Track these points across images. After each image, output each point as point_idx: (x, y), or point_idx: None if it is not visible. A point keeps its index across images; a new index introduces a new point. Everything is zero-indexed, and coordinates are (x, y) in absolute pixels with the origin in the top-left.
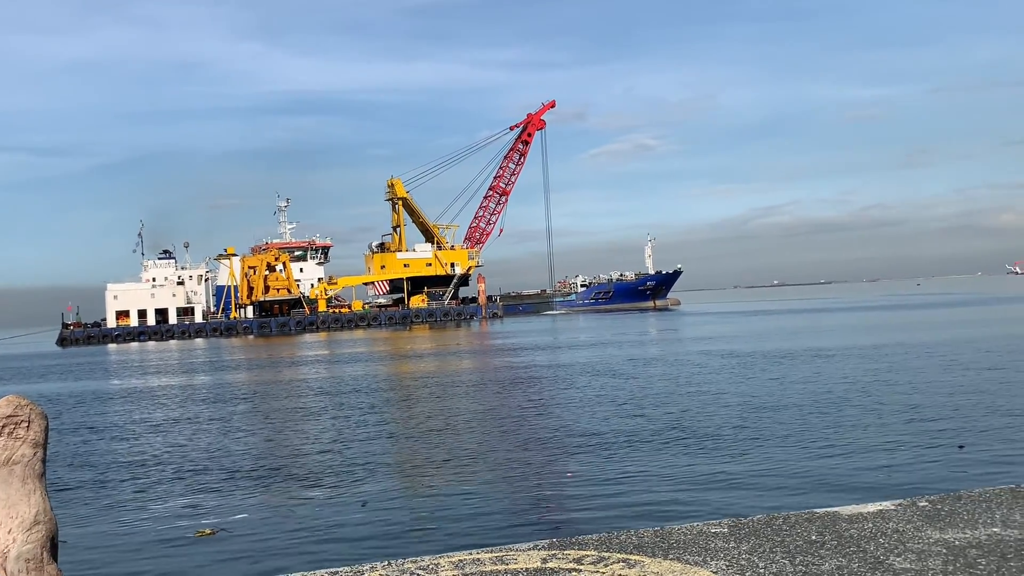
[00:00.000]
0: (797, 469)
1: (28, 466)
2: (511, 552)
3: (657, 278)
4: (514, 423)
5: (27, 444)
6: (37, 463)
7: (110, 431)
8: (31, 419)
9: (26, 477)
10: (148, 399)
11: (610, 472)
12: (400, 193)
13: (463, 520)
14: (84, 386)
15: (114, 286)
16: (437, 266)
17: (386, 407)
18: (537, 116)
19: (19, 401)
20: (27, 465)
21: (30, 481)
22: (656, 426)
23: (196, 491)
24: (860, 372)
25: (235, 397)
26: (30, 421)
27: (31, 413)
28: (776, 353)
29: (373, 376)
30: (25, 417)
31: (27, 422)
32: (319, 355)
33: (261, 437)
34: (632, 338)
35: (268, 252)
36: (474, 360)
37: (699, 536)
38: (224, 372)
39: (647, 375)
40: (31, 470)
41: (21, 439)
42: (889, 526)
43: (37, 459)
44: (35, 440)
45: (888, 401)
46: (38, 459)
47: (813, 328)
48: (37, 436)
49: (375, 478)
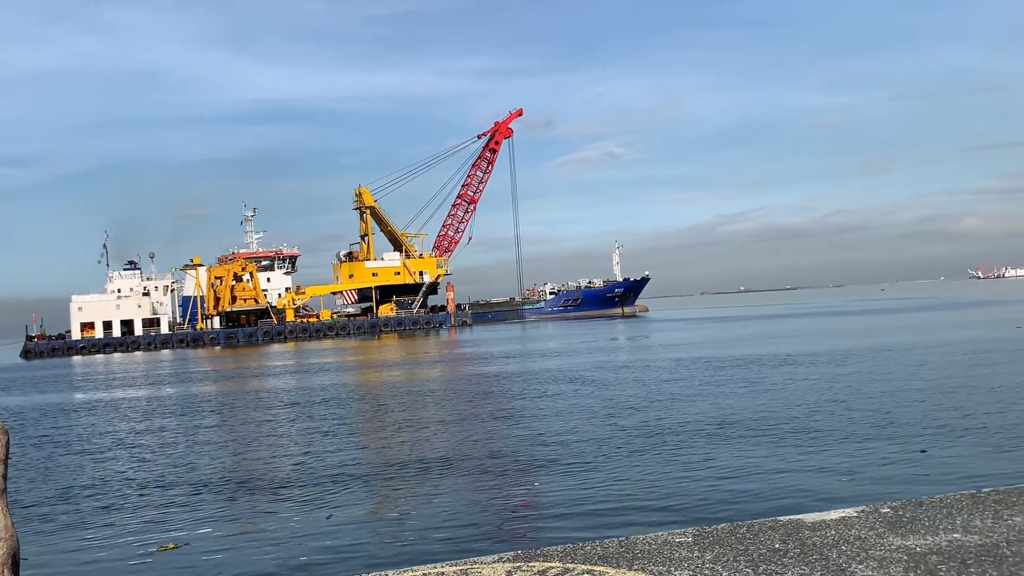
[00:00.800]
0: (763, 476)
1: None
2: (476, 565)
3: (625, 285)
4: (482, 433)
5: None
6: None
7: (73, 445)
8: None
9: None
10: (113, 412)
11: (576, 482)
12: (368, 202)
13: (427, 533)
14: (48, 399)
15: (79, 297)
16: (406, 275)
17: (354, 418)
18: (504, 124)
19: None
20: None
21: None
22: (624, 434)
23: (160, 505)
24: (825, 377)
25: (201, 409)
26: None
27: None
28: (743, 359)
29: (341, 386)
30: None
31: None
32: (287, 365)
33: (227, 450)
34: (601, 345)
35: (235, 262)
36: (443, 369)
37: (664, 546)
38: (190, 384)
39: (615, 382)
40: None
41: None
42: (852, 533)
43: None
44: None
45: (853, 406)
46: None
47: (779, 334)
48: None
49: (341, 491)
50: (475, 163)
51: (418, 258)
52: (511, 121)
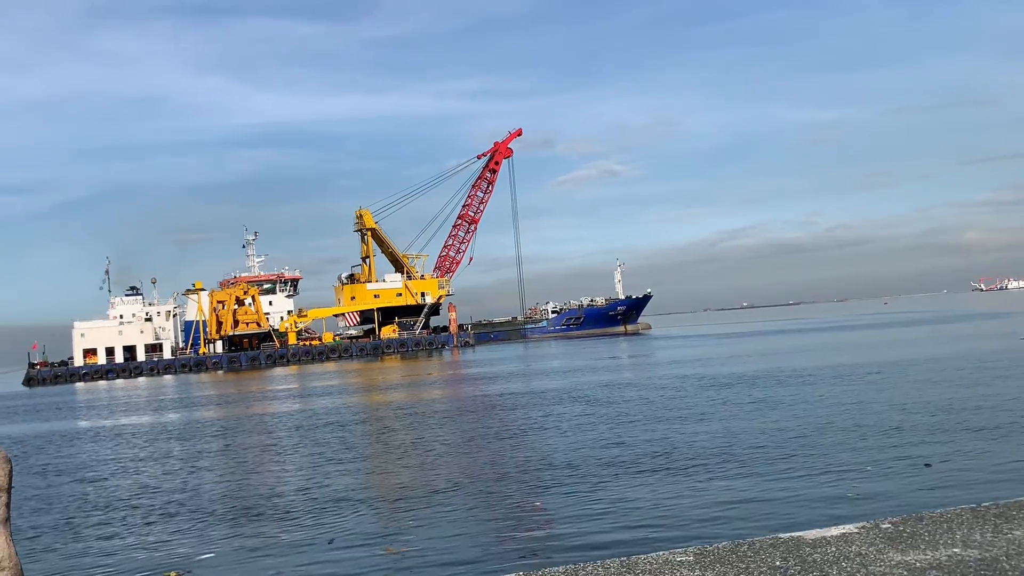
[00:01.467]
0: (764, 493)
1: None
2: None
3: (627, 303)
4: (485, 455)
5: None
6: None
7: (76, 472)
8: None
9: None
10: (116, 439)
11: (578, 501)
12: (369, 224)
13: (430, 554)
14: (51, 427)
15: (81, 324)
16: (408, 296)
17: (357, 441)
18: (504, 144)
19: None
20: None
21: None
22: (626, 453)
23: (163, 532)
24: (828, 392)
25: (204, 434)
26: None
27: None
28: (747, 376)
29: (345, 409)
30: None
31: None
32: (290, 389)
33: (230, 475)
34: (604, 364)
35: (237, 286)
36: (446, 390)
37: (665, 566)
38: (193, 409)
39: (618, 401)
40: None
41: None
42: (852, 549)
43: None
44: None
45: (858, 421)
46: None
47: (783, 350)
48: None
49: (345, 514)
50: (475, 183)
51: (420, 279)
52: (510, 141)
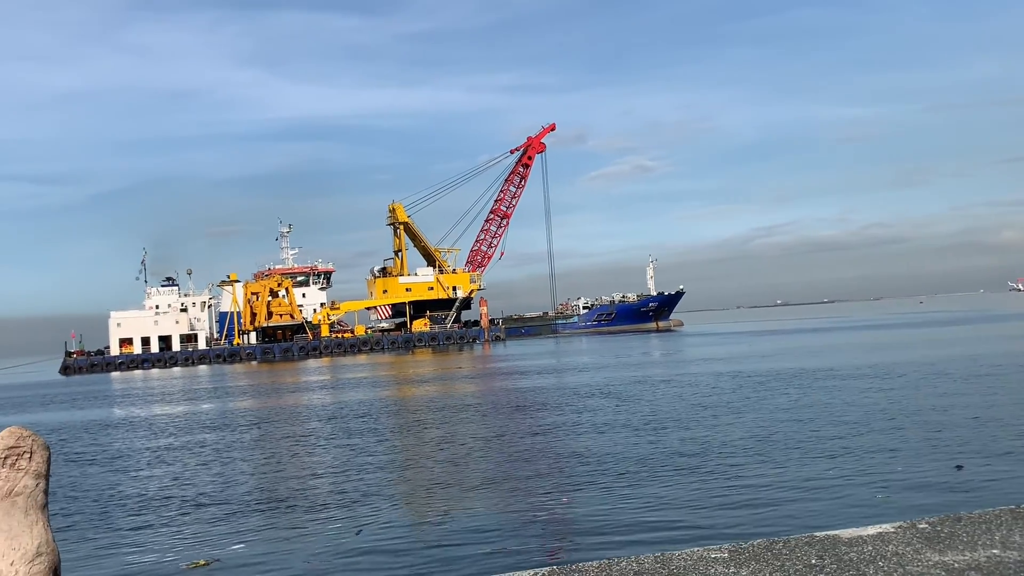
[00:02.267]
0: (799, 491)
1: (30, 497)
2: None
3: (659, 299)
4: (517, 449)
5: (29, 475)
6: (39, 494)
7: (110, 461)
8: (33, 450)
9: (28, 508)
10: (150, 428)
11: (611, 497)
12: (401, 218)
13: (462, 548)
14: (86, 415)
15: (117, 314)
16: (439, 290)
17: (388, 433)
18: (537, 139)
19: (21, 432)
20: (29, 496)
21: (32, 512)
22: (659, 449)
23: (195, 522)
24: (862, 392)
25: (238, 425)
26: (32, 452)
27: (33, 444)
28: (779, 374)
29: (376, 401)
30: (27, 448)
31: (29, 453)
32: (322, 380)
33: (262, 466)
34: (636, 360)
35: (271, 278)
36: (477, 384)
37: (699, 562)
38: (227, 399)
39: (651, 398)
40: (33, 501)
41: (23, 470)
42: (889, 549)
43: (39, 490)
44: (37, 471)
45: (891, 421)
46: (40, 490)
47: (817, 348)
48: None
49: (375, 506)
50: (508, 178)
51: (451, 273)
52: (544, 136)
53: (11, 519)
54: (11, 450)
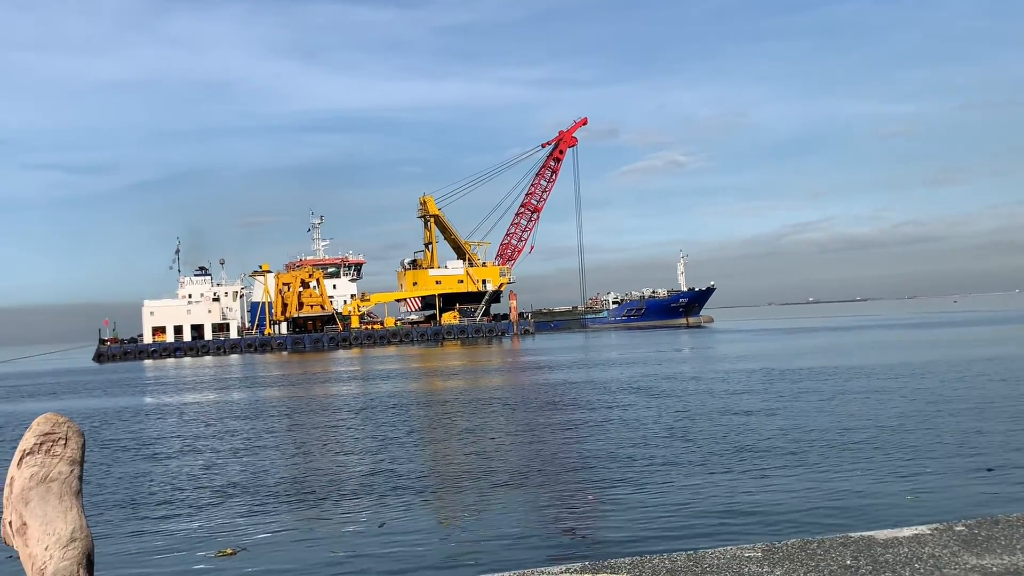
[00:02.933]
0: (832, 492)
1: (65, 483)
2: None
3: (690, 295)
4: (547, 443)
5: (64, 461)
6: (74, 480)
7: (141, 448)
8: (68, 436)
9: (63, 494)
10: (181, 416)
11: (643, 495)
12: (432, 210)
13: (492, 543)
14: (119, 403)
15: (150, 302)
16: (469, 283)
17: (417, 426)
18: (569, 133)
19: (56, 419)
20: (64, 482)
21: (67, 498)
22: (690, 447)
23: (223, 509)
24: (895, 392)
25: (267, 414)
26: (67, 438)
27: (68, 431)
28: (811, 372)
29: (405, 394)
30: (62, 435)
31: (64, 439)
32: (352, 371)
33: (291, 455)
34: (666, 356)
35: (302, 269)
36: (507, 377)
37: (733, 560)
38: (258, 389)
39: (682, 394)
40: (68, 487)
41: (58, 456)
42: (925, 551)
43: (74, 476)
44: (72, 457)
45: (923, 421)
46: (75, 476)
47: (850, 346)
48: (74, 454)
49: (402, 499)
50: (539, 172)
51: (481, 266)
52: (575, 130)
53: (46, 505)
54: (46, 436)
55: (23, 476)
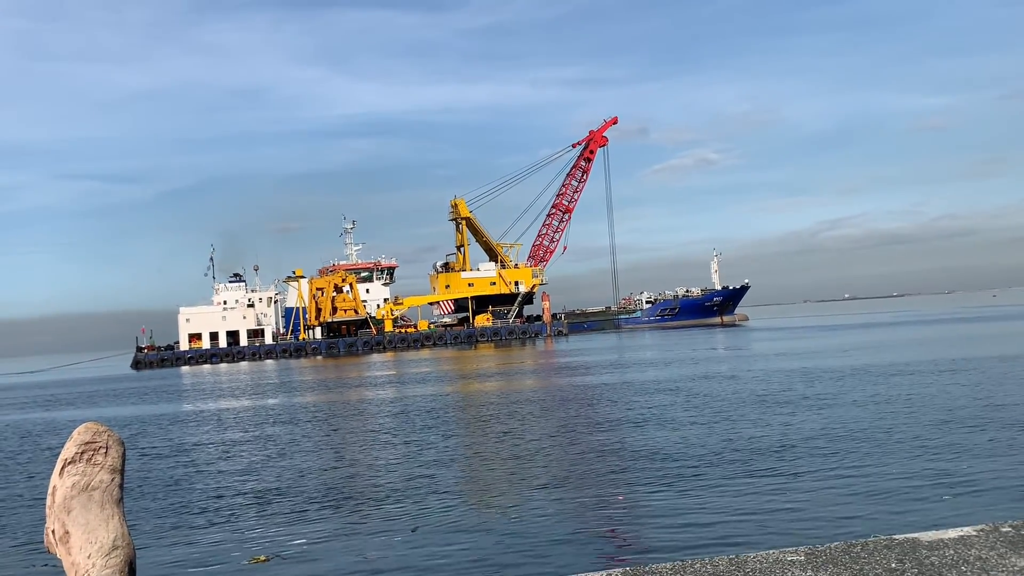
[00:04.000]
0: (875, 494)
1: (106, 492)
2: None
3: (724, 293)
4: (581, 446)
5: (105, 470)
6: (115, 489)
7: (177, 455)
8: (109, 445)
9: (104, 502)
10: (217, 422)
11: (684, 499)
12: (464, 213)
13: (530, 549)
14: (156, 410)
15: (186, 309)
16: (501, 284)
17: (452, 429)
18: (599, 133)
19: (97, 428)
20: (105, 491)
21: (108, 506)
22: (730, 448)
23: (257, 516)
24: (937, 389)
25: (303, 419)
26: (108, 447)
27: (109, 440)
28: (850, 370)
29: (440, 397)
30: (103, 443)
31: (105, 448)
32: (387, 375)
33: (326, 460)
34: (701, 355)
35: (335, 273)
36: (541, 379)
37: (775, 564)
38: (293, 394)
39: (717, 394)
40: (109, 496)
41: (99, 465)
42: (972, 553)
43: (115, 485)
44: (113, 466)
45: (967, 419)
46: (116, 485)
47: (889, 343)
48: (115, 462)
49: (439, 504)
50: (570, 172)
51: (513, 268)
52: (606, 129)
53: (88, 513)
54: (87, 445)
55: (65, 485)
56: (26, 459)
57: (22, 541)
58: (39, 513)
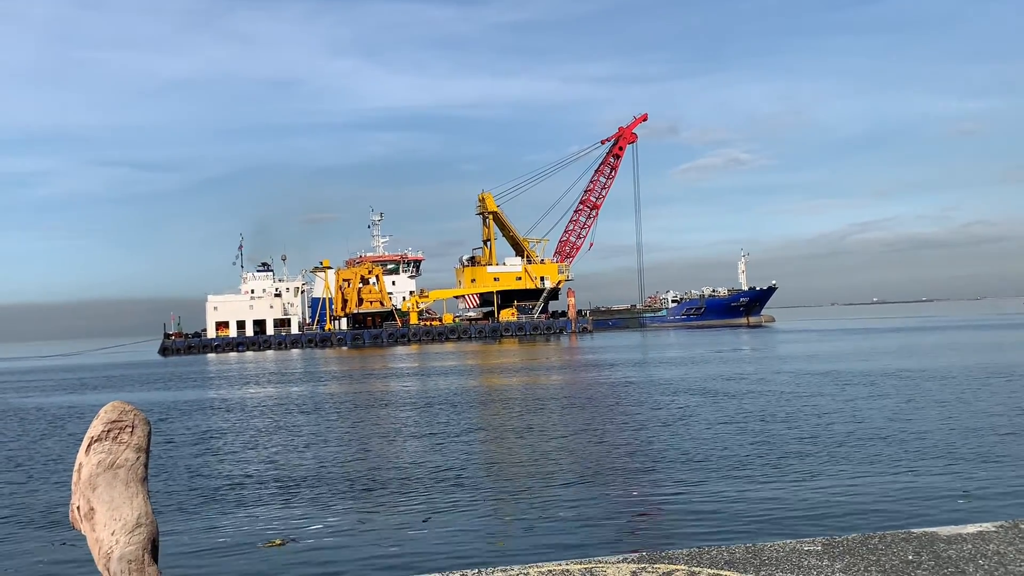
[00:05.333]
0: (891, 489)
1: (131, 470)
2: (600, 564)
3: (751, 294)
4: (603, 441)
5: (131, 448)
6: (140, 467)
7: (199, 440)
8: (135, 424)
9: (129, 481)
10: (241, 409)
11: (699, 489)
12: (491, 207)
13: (546, 534)
14: (181, 396)
15: (214, 297)
16: (527, 280)
17: (474, 422)
18: (629, 129)
19: (123, 407)
20: (130, 469)
21: (133, 485)
22: (748, 444)
23: (276, 502)
24: (959, 392)
25: (326, 408)
26: (134, 426)
27: (135, 419)
28: (876, 373)
29: (464, 390)
30: (129, 422)
31: (131, 427)
32: (410, 367)
33: (346, 449)
34: (727, 356)
35: (362, 265)
36: (564, 375)
37: (792, 553)
38: (317, 383)
39: (744, 394)
40: (134, 474)
41: (125, 444)
42: (990, 548)
43: (140, 463)
44: (138, 445)
45: (988, 423)
46: (141, 463)
47: (918, 348)
48: (140, 441)
49: (459, 490)
50: (598, 169)
51: (540, 263)
52: (636, 126)
53: (112, 491)
54: (114, 424)
55: (91, 462)
56: (52, 442)
57: (42, 523)
58: (59, 494)
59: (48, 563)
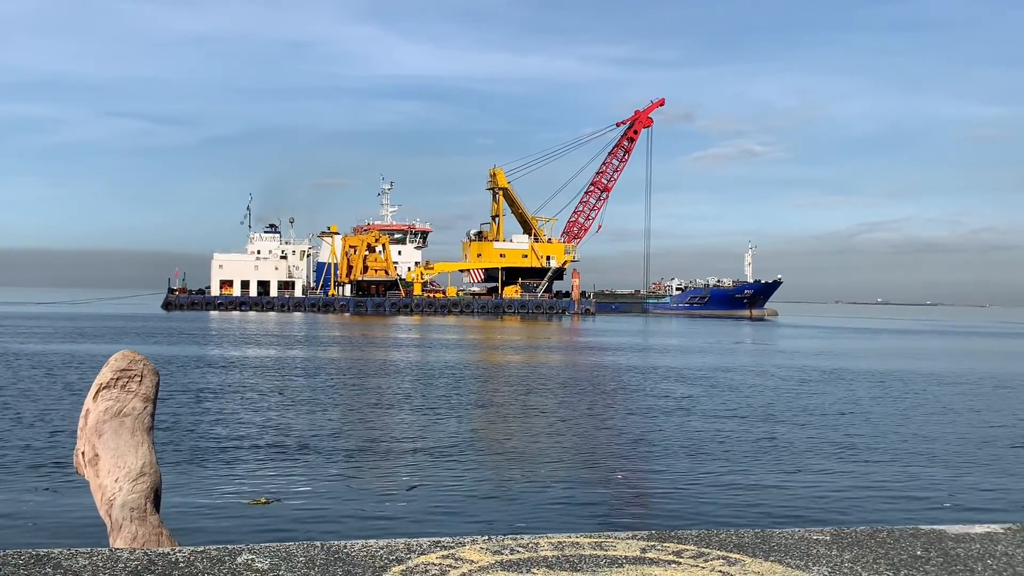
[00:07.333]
0: (900, 487)
1: (138, 419)
2: (610, 539)
3: (756, 287)
4: (601, 423)
5: (138, 398)
6: (147, 417)
7: (194, 397)
8: (143, 374)
9: (135, 429)
10: (240, 368)
11: (708, 476)
12: (501, 183)
13: (552, 508)
14: (181, 351)
15: (220, 256)
16: (533, 258)
17: (471, 397)
18: (645, 113)
19: (133, 356)
20: (137, 418)
21: (139, 433)
22: (755, 434)
23: (266, 462)
24: (968, 396)
25: (324, 372)
26: (142, 376)
27: (144, 368)
28: (883, 372)
29: (463, 364)
30: (138, 372)
31: (139, 377)
32: (411, 338)
33: (341, 414)
34: (729, 346)
35: (369, 233)
36: (566, 356)
37: (801, 541)
38: (318, 347)
39: (747, 384)
40: (140, 423)
41: (133, 392)
42: (998, 548)
43: (147, 413)
44: (146, 395)
45: (993, 427)
46: (148, 413)
47: (921, 351)
48: (148, 391)
49: (460, 460)
50: (612, 151)
51: (547, 242)
52: (652, 110)
53: (119, 438)
54: (123, 372)
55: (98, 409)
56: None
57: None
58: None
59: (33, 514)
